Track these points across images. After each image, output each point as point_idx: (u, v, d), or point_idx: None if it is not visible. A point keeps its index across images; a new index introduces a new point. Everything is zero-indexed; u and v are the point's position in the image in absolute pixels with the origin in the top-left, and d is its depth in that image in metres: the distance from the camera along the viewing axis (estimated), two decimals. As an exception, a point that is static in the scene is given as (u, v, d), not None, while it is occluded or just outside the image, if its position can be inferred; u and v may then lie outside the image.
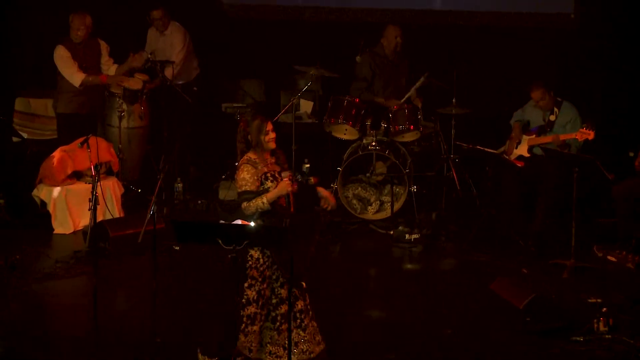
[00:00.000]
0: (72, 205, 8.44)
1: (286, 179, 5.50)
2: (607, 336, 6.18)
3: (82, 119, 8.86)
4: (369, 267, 7.97)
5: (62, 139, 8.82)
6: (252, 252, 5.49)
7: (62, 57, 8.77)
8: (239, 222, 5.38)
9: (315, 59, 9.12)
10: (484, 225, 8.29)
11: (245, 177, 5.48)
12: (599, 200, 8.73)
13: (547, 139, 8.15)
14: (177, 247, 7.78)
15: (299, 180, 5.63)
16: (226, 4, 10.68)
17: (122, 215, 8.52)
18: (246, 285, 5.50)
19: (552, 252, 7.87)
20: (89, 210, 5.91)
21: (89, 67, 8.87)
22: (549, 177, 8.17)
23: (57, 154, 8.48)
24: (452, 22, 10.42)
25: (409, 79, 9.30)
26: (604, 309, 6.34)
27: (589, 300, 6.76)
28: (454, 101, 8.94)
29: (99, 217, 7.84)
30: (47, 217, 8.44)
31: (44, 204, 8.49)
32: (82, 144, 7.78)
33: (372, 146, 8.85)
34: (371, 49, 9.23)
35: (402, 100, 9.00)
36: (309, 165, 9.44)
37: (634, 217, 7.98)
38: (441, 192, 8.94)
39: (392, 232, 8.47)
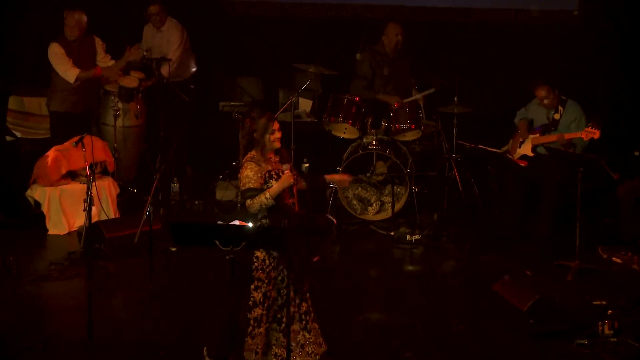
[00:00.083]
0: (67, 205, 8.38)
1: (287, 171, 5.46)
2: (613, 339, 6.11)
3: (75, 118, 8.77)
4: (370, 268, 7.92)
5: (56, 138, 8.73)
6: (258, 254, 5.48)
7: (56, 54, 8.68)
8: (236, 222, 5.33)
9: (314, 57, 9.10)
10: (487, 225, 8.22)
11: (249, 175, 5.45)
12: (604, 200, 8.65)
13: (552, 138, 8.08)
14: (174, 249, 7.72)
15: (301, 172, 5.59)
16: (224, 0, 10.62)
17: (117, 215, 8.47)
18: (252, 287, 5.50)
19: (556, 253, 7.81)
20: (84, 210, 5.88)
21: (83, 65, 8.76)
22: (553, 177, 8.10)
23: (51, 154, 8.41)
24: (454, 19, 10.39)
25: (410, 79, 9.23)
26: (610, 312, 6.30)
27: (594, 302, 6.71)
28: (456, 99, 8.91)
29: (94, 218, 7.81)
30: (41, 217, 8.37)
31: (37, 205, 8.41)
32: (76, 143, 7.79)
33: (373, 145, 8.78)
34: (371, 46, 9.18)
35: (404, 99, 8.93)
36: (308, 164, 9.41)
37: (639, 218, 7.91)
38: (443, 193, 8.89)
39: (392, 233, 8.42)
